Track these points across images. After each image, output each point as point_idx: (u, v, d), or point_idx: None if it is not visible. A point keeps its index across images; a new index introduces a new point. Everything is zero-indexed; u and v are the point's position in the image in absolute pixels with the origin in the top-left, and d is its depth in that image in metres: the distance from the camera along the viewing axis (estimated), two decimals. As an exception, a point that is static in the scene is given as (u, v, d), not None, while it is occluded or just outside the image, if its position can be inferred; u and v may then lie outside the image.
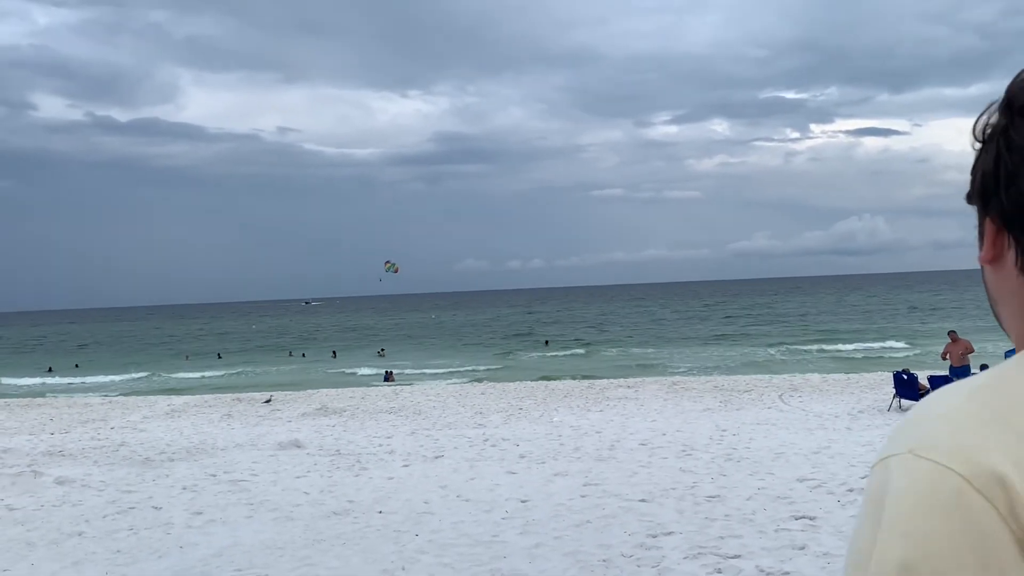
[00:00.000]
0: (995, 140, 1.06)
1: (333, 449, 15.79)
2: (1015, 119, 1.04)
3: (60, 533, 9.95)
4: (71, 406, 27.17)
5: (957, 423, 0.93)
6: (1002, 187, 1.03)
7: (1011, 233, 1.03)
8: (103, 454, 16.05)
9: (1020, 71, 1.09)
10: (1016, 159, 1.01)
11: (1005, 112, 1.06)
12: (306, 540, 9.25)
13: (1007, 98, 1.07)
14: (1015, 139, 1.02)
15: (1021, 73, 1.08)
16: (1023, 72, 1.08)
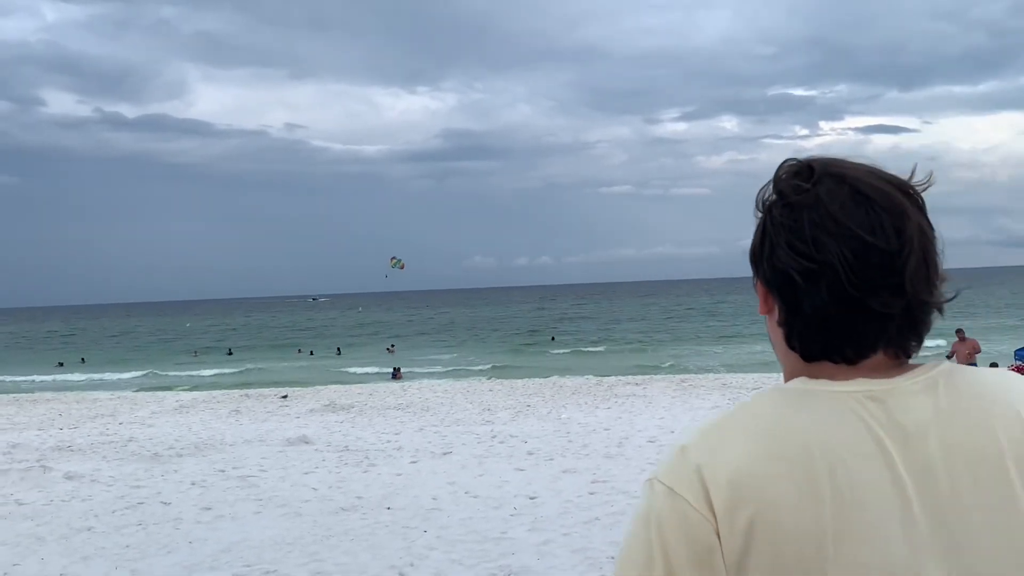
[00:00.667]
0: (765, 214, 1.27)
1: (341, 445, 15.81)
2: (777, 200, 1.25)
3: (69, 528, 9.98)
4: (79, 401, 27.25)
5: (686, 444, 1.22)
6: (764, 257, 1.26)
7: (771, 294, 1.27)
8: (112, 449, 16.09)
9: (786, 159, 1.31)
10: (775, 235, 1.23)
11: (774, 191, 1.28)
12: (315, 536, 9.26)
13: (774, 179, 1.29)
14: (776, 217, 1.24)
15: (787, 160, 1.30)
16: (789, 159, 1.30)
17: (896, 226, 1.20)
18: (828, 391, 1.21)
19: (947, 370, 1.26)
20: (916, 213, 1.24)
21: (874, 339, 1.22)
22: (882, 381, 1.22)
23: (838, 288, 1.18)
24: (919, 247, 1.21)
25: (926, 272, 1.22)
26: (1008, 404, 1.22)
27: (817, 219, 1.20)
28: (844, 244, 1.18)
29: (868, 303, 1.19)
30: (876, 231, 1.19)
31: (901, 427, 1.18)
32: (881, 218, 1.20)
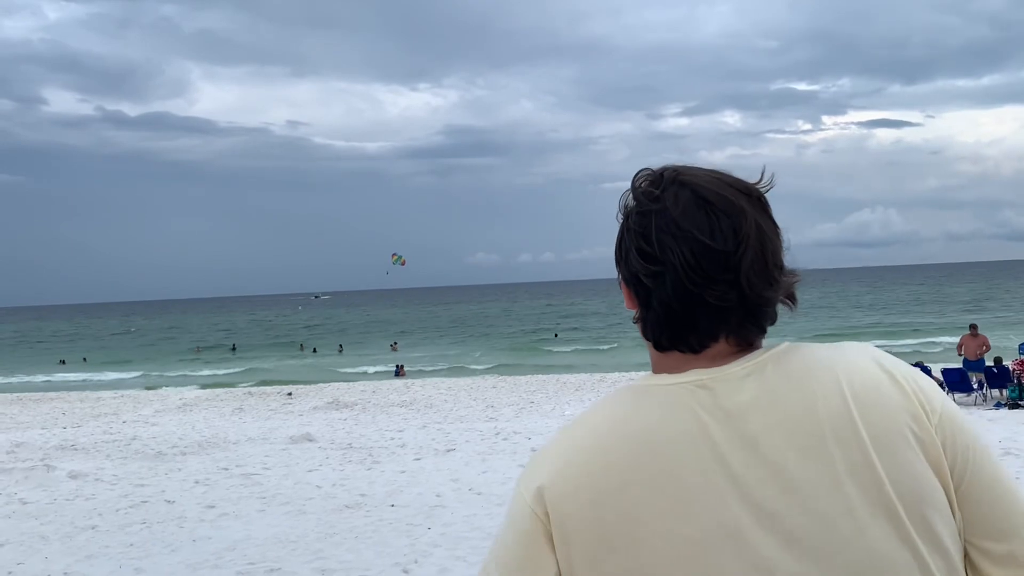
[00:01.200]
0: (624, 220, 1.40)
1: (345, 443, 15.80)
2: (633, 207, 1.38)
3: (73, 527, 9.97)
4: (83, 400, 27.27)
5: (540, 454, 1.42)
6: (622, 260, 1.40)
7: (631, 292, 1.42)
8: (115, 448, 16.09)
9: (642, 168, 1.42)
10: (629, 240, 1.37)
11: (632, 198, 1.40)
12: (319, 533, 9.24)
13: (631, 186, 1.41)
14: (631, 224, 1.37)
15: (643, 169, 1.42)
16: (645, 168, 1.42)
17: (733, 227, 1.31)
18: (663, 384, 1.35)
19: (780, 352, 1.37)
20: (756, 214, 1.35)
21: (714, 329, 1.34)
22: (712, 370, 1.34)
23: (679, 285, 1.31)
24: (755, 245, 1.32)
25: (763, 268, 1.33)
26: (832, 378, 1.32)
27: (662, 224, 1.33)
28: (684, 245, 1.31)
29: (705, 297, 1.31)
30: (714, 233, 1.31)
31: (724, 410, 1.30)
32: (719, 220, 1.32)
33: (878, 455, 1.27)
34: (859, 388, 1.32)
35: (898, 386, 1.34)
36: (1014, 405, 17.63)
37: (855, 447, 1.28)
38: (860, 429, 1.28)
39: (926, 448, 1.29)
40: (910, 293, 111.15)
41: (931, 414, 1.32)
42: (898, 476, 1.27)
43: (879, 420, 1.29)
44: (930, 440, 1.30)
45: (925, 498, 1.28)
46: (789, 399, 1.31)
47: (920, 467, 1.28)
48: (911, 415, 1.31)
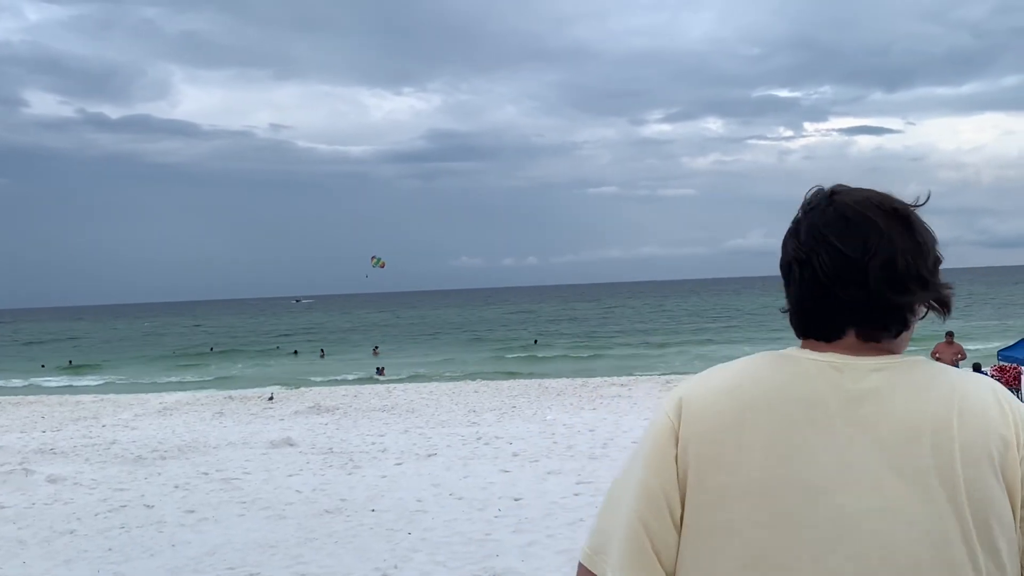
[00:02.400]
0: (791, 224, 1.69)
1: (326, 447, 15.77)
2: (798, 215, 1.70)
3: (52, 531, 9.92)
4: (62, 404, 27.10)
5: (688, 380, 1.70)
6: (781, 254, 1.70)
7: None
8: (95, 452, 16.00)
9: (815, 185, 1.72)
10: (787, 238, 1.70)
11: (800, 209, 1.70)
12: (299, 538, 9.23)
13: (804, 200, 1.70)
14: (792, 226, 1.70)
15: (816, 186, 1.72)
16: (816, 186, 1.72)
17: (864, 238, 1.58)
18: (803, 357, 1.62)
19: (912, 361, 1.61)
20: (893, 228, 1.60)
21: (841, 322, 1.60)
22: (848, 357, 1.59)
23: (816, 280, 1.60)
24: (884, 255, 1.57)
25: (893, 275, 1.58)
26: (949, 392, 1.54)
27: (810, 229, 1.63)
28: (823, 249, 1.59)
29: (836, 293, 1.58)
30: (846, 242, 1.58)
31: (847, 391, 1.55)
32: (852, 232, 1.59)
33: (962, 462, 1.48)
34: (968, 406, 1.53)
35: (1003, 414, 1.53)
36: (992, 411, 17.72)
37: (945, 451, 1.49)
38: (955, 437, 1.50)
39: (1006, 470, 1.49)
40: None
41: (1021, 446, 1.51)
42: (973, 484, 1.48)
43: (974, 435, 1.50)
44: (1012, 466, 1.49)
45: (992, 509, 1.48)
46: (906, 398, 1.54)
47: (994, 482, 1.48)
48: (1003, 440, 1.50)
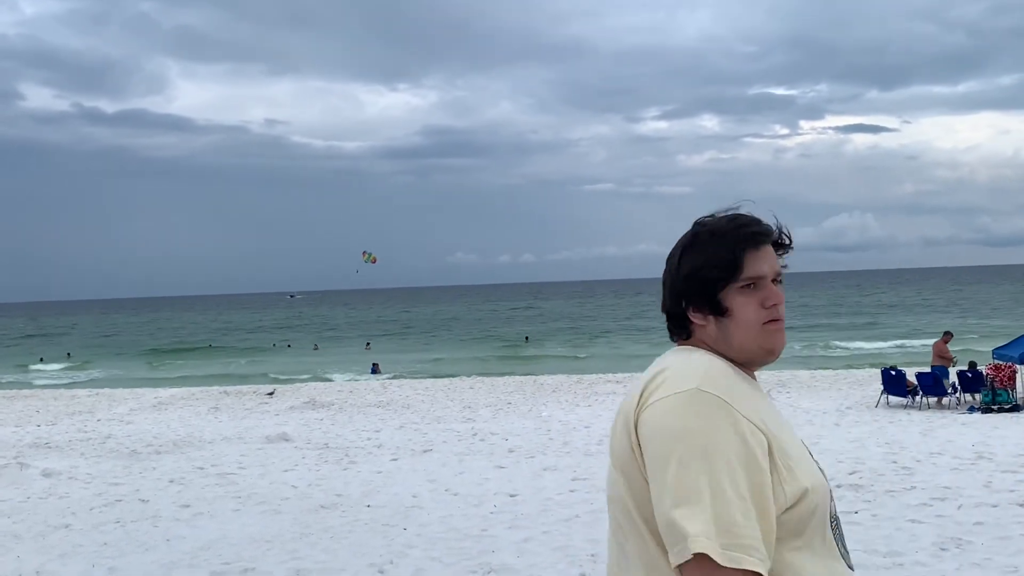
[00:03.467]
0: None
1: (321, 443, 15.77)
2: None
3: (47, 526, 9.91)
4: (57, 398, 27.06)
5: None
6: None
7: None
8: (90, 446, 15.99)
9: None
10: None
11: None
12: (294, 533, 9.22)
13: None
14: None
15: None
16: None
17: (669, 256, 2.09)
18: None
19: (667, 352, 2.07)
20: (682, 246, 2.07)
21: (669, 330, 2.10)
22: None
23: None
24: (665, 270, 2.10)
25: (664, 287, 2.10)
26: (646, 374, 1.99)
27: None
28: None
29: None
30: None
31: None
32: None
33: (625, 427, 1.92)
34: (643, 379, 1.97)
35: (644, 382, 1.94)
36: (987, 409, 17.77)
37: (621, 420, 1.95)
38: (625, 409, 1.95)
39: (629, 429, 1.90)
40: (885, 297, 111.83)
41: (631, 422, 1.90)
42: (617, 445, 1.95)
43: (628, 404, 1.94)
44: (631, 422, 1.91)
45: (624, 461, 1.91)
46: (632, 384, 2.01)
47: (627, 440, 1.90)
48: (632, 406, 1.91)
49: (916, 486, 10.59)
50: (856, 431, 15.31)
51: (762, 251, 2.01)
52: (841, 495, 10.20)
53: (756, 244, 2.01)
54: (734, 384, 1.90)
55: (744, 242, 2.00)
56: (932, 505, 9.60)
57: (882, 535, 8.40)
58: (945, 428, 15.59)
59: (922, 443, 13.87)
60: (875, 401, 19.42)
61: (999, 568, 7.25)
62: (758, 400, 1.93)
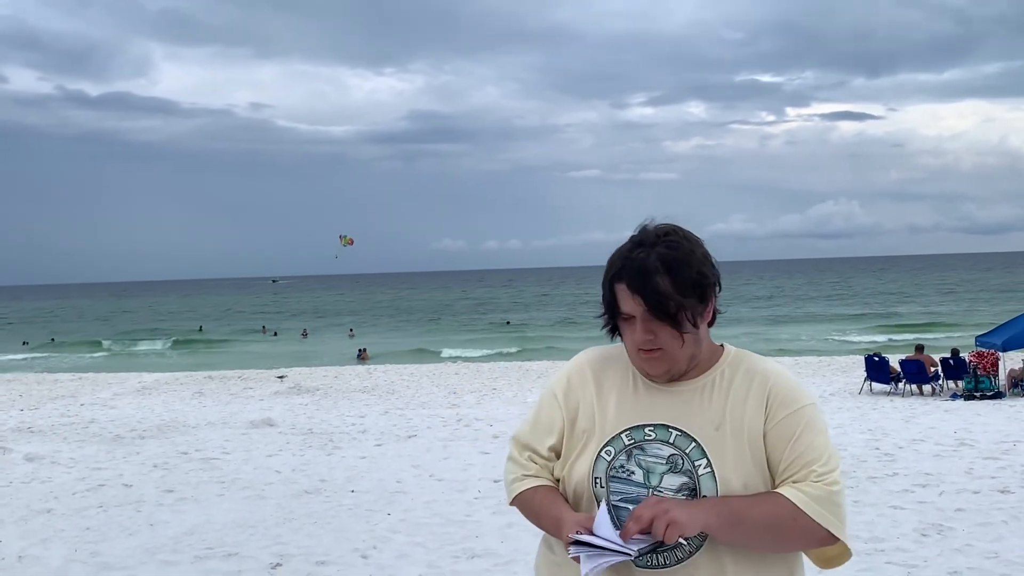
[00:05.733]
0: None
1: (306, 428, 15.75)
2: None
3: (29, 510, 9.86)
4: (40, 382, 26.95)
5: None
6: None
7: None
8: (73, 431, 15.92)
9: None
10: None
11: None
12: (278, 518, 9.21)
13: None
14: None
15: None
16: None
17: None
18: None
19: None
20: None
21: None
22: None
23: None
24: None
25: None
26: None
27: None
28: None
29: None
30: None
31: None
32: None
33: None
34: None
35: None
36: (969, 396, 17.88)
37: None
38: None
39: None
40: (870, 284, 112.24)
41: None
42: None
43: None
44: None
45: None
46: None
47: None
48: None
49: (898, 472, 10.65)
50: (839, 417, 15.38)
51: (626, 290, 2.22)
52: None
53: (621, 283, 2.23)
54: (606, 367, 2.41)
55: (612, 281, 2.25)
56: (914, 491, 9.66)
57: (864, 521, 8.44)
58: (928, 415, 15.69)
59: (904, 430, 13.95)
60: (858, 388, 19.51)
61: (980, 553, 7.30)
62: (611, 391, 2.37)
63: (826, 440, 2.28)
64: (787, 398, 2.28)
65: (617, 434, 2.30)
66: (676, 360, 2.26)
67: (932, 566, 7.05)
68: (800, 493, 2.18)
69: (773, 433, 2.25)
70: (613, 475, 2.28)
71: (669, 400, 2.30)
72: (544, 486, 2.42)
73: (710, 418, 2.27)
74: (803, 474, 2.21)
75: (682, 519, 2.09)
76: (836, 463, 2.26)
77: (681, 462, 2.23)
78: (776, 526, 2.18)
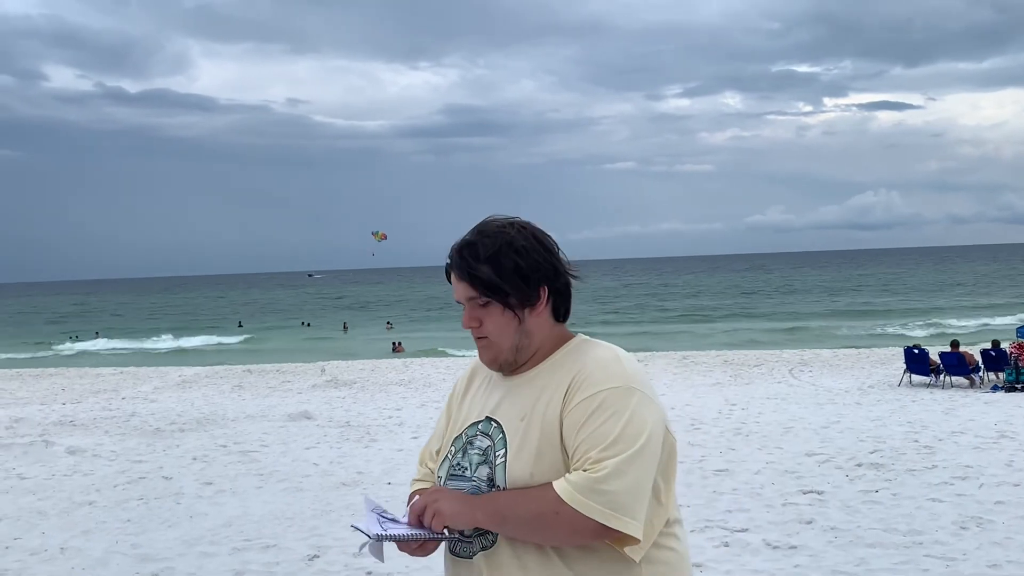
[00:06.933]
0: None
1: (343, 421, 15.84)
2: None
3: (71, 502, 10.01)
4: (82, 376, 27.30)
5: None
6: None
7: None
8: (114, 424, 16.13)
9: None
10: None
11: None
12: (315, 511, 9.28)
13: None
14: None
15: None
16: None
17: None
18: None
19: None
20: None
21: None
22: None
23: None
24: None
25: None
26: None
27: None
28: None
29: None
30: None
31: None
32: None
33: None
34: None
35: None
36: (1011, 388, 17.65)
37: None
38: None
39: None
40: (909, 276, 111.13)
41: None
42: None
43: None
44: None
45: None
46: None
47: None
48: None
49: (937, 465, 10.54)
50: (877, 410, 15.24)
51: (454, 277, 2.34)
52: (862, 473, 10.18)
53: (452, 270, 2.35)
54: (478, 366, 2.52)
55: (446, 271, 2.39)
56: (953, 484, 9.56)
57: (902, 514, 8.37)
58: (967, 407, 15.51)
59: (944, 422, 13.80)
60: (897, 380, 19.32)
61: (1020, 547, 7.22)
62: (475, 389, 2.48)
63: (618, 423, 2.12)
64: (587, 382, 2.19)
65: (460, 433, 2.38)
66: (500, 349, 2.31)
67: (971, 559, 6.98)
68: (564, 483, 2.09)
69: (567, 421, 2.18)
70: (452, 473, 2.31)
71: (502, 393, 2.34)
72: (415, 489, 2.48)
73: (520, 408, 2.26)
74: (580, 462, 2.11)
75: (445, 510, 2.16)
76: (625, 447, 2.09)
77: (490, 454, 2.25)
78: (538, 519, 2.10)
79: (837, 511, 8.59)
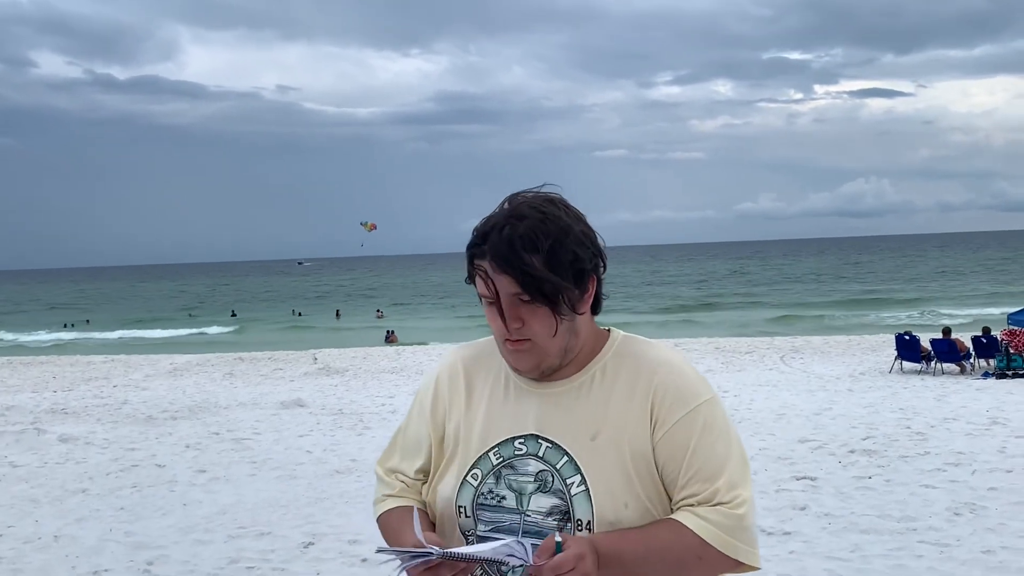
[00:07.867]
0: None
1: (336, 409, 15.84)
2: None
3: (64, 490, 9.99)
4: (74, 364, 27.25)
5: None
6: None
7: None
8: (106, 412, 16.10)
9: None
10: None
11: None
12: (309, 498, 9.28)
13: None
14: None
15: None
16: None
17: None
18: None
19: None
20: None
21: None
22: None
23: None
24: None
25: None
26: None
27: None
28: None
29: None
30: None
31: None
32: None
33: None
34: None
35: None
36: (1001, 375, 17.72)
37: None
38: None
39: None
40: (901, 263, 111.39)
41: None
42: None
43: None
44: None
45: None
46: None
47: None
48: None
49: (930, 451, 10.58)
50: (870, 396, 15.29)
51: (491, 267, 1.87)
52: (855, 460, 10.21)
53: (484, 259, 1.88)
54: (479, 365, 2.08)
55: (471, 258, 1.92)
56: (946, 470, 9.60)
57: (896, 500, 8.41)
58: (959, 394, 15.57)
59: (936, 408, 13.85)
60: (889, 367, 19.38)
61: (1013, 533, 7.25)
62: (481, 398, 2.03)
63: (728, 444, 1.93)
64: (678, 397, 1.92)
65: (484, 453, 1.96)
66: (547, 354, 1.92)
67: (965, 545, 7.01)
68: (704, 523, 1.84)
69: (664, 443, 1.89)
70: (481, 503, 1.94)
71: (541, 404, 1.96)
72: (401, 507, 2.06)
73: (585, 425, 1.92)
74: (706, 495, 1.87)
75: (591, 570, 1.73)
76: (743, 473, 1.92)
77: (551, 479, 1.90)
78: (679, 567, 1.84)
79: (831, 497, 8.61)
